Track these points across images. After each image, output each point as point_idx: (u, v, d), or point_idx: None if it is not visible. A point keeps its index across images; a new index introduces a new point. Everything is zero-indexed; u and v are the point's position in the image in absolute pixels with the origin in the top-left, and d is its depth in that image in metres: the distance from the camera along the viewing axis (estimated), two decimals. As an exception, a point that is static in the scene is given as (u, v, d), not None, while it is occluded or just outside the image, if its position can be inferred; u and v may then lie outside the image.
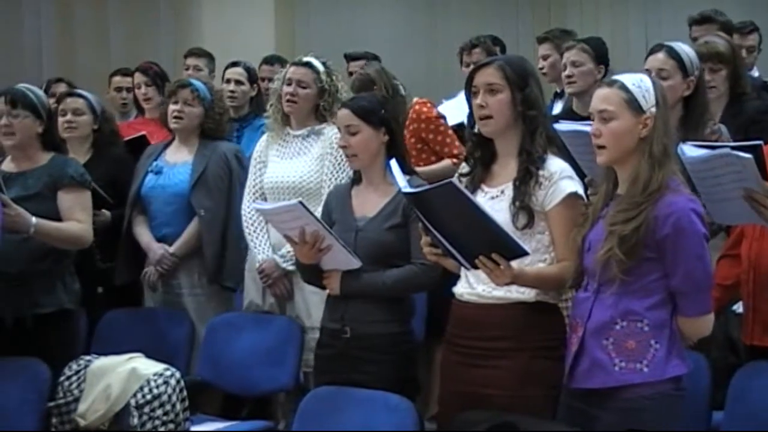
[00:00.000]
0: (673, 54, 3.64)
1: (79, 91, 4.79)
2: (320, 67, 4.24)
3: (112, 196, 4.33)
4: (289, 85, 4.21)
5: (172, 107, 4.46)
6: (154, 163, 4.49)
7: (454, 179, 2.99)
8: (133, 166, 4.64)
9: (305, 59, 4.29)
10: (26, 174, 3.95)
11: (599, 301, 2.84)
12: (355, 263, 3.45)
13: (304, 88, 4.20)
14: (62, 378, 3.76)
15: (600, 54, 4.66)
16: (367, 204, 3.59)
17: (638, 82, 2.86)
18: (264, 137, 4.38)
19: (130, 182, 4.53)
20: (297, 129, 4.26)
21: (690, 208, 2.78)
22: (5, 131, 3.94)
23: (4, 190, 3.68)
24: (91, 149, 4.56)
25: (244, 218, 4.26)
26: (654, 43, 3.84)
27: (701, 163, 3.00)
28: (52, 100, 4.55)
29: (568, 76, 4.59)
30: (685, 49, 3.67)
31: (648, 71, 3.59)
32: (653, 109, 2.83)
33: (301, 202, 3.39)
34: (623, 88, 2.84)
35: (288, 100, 4.20)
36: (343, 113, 3.63)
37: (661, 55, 3.65)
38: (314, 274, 3.57)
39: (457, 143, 4.76)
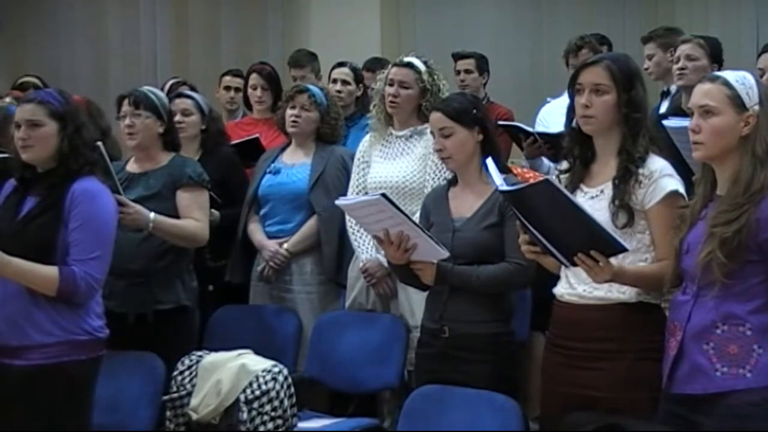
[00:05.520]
0: None
1: (187, 92, 4.88)
2: (422, 67, 4.22)
3: (220, 195, 4.40)
4: (391, 85, 4.20)
5: (289, 112, 4.53)
6: (272, 165, 4.57)
7: (551, 176, 2.96)
8: (241, 167, 4.74)
9: (406, 59, 4.28)
10: (148, 174, 4.07)
11: (699, 304, 2.77)
12: (443, 253, 3.41)
13: (406, 88, 4.20)
14: (176, 372, 3.85)
15: (715, 53, 4.54)
16: (465, 205, 3.59)
17: (742, 79, 2.78)
18: (367, 137, 4.41)
19: (237, 182, 4.63)
20: (400, 129, 4.27)
21: None
22: (128, 131, 4.08)
23: (121, 192, 3.79)
24: (200, 149, 4.64)
25: (348, 218, 4.28)
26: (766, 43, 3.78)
27: None
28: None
29: (681, 68, 4.48)
30: (802, 49, 3.61)
31: (761, 70, 3.54)
32: (756, 108, 2.75)
33: (383, 195, 3.31)
34: (726, 84, 2.77)
35: (390, 102, 4.20)
36: (435, 116, 3.63)
37: None
38: (407, 273, 3.54)
39: None
